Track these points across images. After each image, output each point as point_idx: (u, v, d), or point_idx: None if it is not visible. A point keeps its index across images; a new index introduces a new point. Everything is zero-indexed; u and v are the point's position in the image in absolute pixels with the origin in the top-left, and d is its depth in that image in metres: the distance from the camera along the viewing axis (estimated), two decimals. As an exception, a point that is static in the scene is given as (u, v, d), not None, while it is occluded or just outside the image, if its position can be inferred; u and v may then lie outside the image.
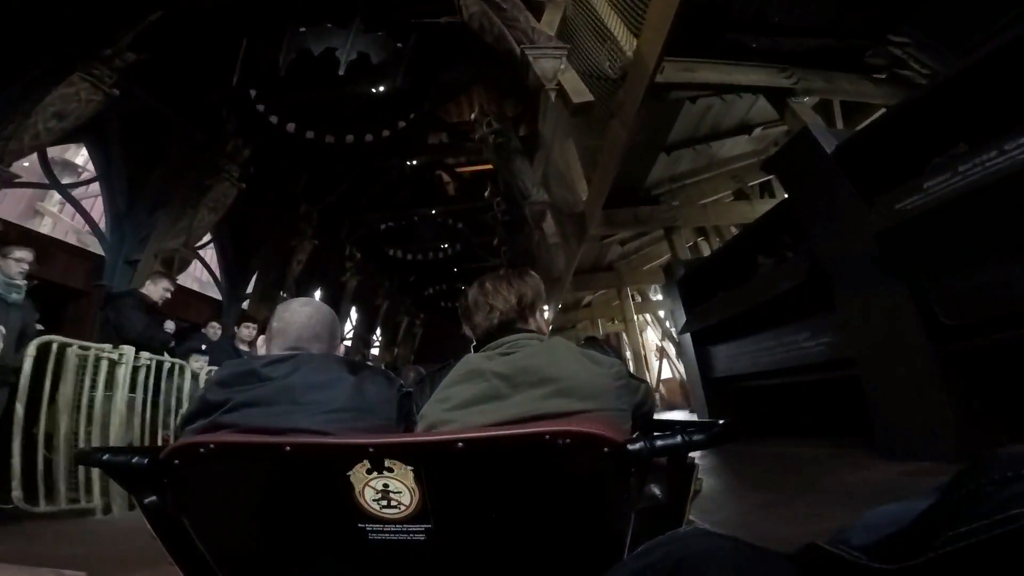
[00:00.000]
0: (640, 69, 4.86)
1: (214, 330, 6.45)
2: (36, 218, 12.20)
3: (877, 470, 3.24)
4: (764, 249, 5.38)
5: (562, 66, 5.02)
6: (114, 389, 3.68)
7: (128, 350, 3.78)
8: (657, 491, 0.89)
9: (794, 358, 4.54)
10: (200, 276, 13.14)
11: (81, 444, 3.42)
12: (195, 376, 4.47)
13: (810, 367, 4.36)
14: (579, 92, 4.81)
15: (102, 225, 8.44)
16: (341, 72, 6.76)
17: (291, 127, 8.36)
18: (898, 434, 3.44)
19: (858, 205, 3.73)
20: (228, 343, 5.83)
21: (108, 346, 3.68)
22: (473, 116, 9.21)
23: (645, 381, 1.25)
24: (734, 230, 8.86)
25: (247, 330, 6.03)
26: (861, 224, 3.66)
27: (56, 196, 9.81)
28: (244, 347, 5.92)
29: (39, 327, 3.78)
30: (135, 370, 3.85)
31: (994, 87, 3.04)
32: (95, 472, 3.42)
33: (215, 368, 4.80)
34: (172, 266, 7.86)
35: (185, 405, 4.23)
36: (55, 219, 12.44)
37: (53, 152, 13.28)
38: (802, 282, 4.33)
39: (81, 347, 3.55)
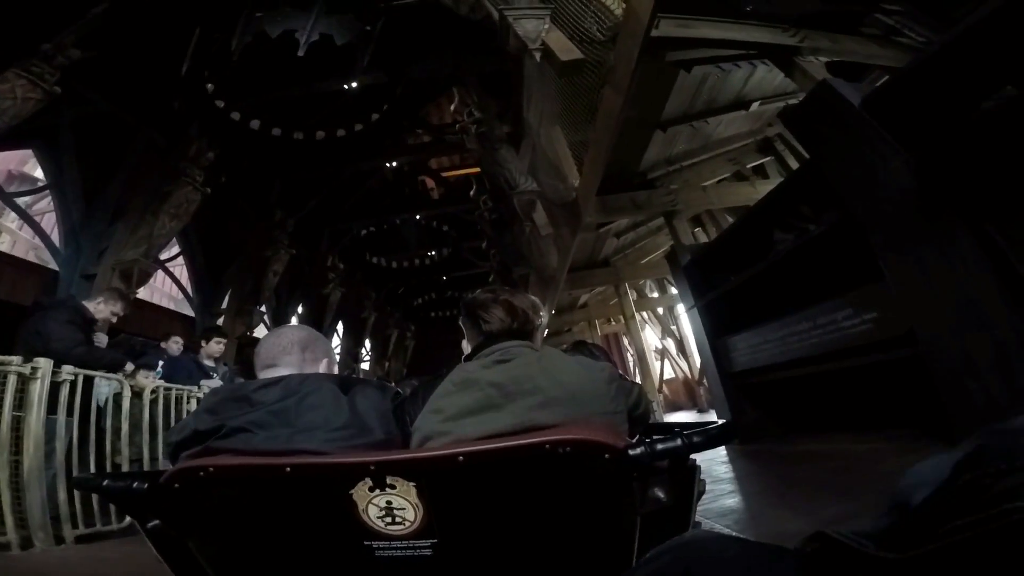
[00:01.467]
0: (632, 25, 4.38)
1: (177, 345, 5.92)
2: (-7, 236, 11.47)
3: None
4: (781, 223, 4.84)
5: (545, 26, 4.51)
6: (25, 409, 3.03)
7: (44, 363, 3.13)
8: (661, 494, 0.88)
9: (832, 342, 3.92)
10: (176, 295, 12.45)
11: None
12: (137, 394, 3.83)
13: (853, 350, 3.75)
14: (567, 50, 4.29)
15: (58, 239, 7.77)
16: (301, 53, 6.15)
17: (255, 124, 7.76)
18: (978, 421, 2.86)
19: (898, 155, 3.21)
20: (190, 359, 5.28)
21: (16, 358, 3.03)
22: (453, 107, 8.68)
23: (637, 383, 1.30)
24: (730, 219, 8.45)
25: (217, 345, 5.55)
26: (903, 172, 3.15)
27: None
28: (210, 363, 5.41)
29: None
30: (55, 387, 3.21)
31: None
32: (6, 500, 2.90)
33: (174, 387, 4.32)
34: (131, 279, 7.23)
35: (125, 427, 3.64)
36: (14, 236, 11.69)
37: (11, 165, 12.61)
38: (826, 232, 3.88)
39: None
